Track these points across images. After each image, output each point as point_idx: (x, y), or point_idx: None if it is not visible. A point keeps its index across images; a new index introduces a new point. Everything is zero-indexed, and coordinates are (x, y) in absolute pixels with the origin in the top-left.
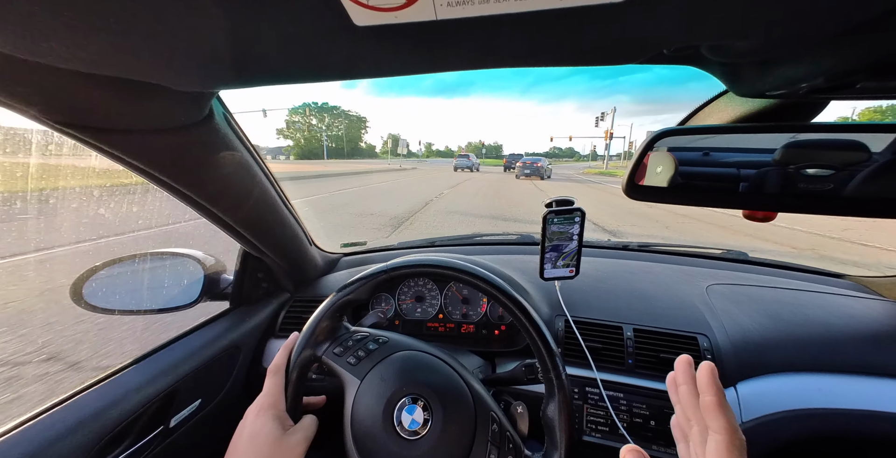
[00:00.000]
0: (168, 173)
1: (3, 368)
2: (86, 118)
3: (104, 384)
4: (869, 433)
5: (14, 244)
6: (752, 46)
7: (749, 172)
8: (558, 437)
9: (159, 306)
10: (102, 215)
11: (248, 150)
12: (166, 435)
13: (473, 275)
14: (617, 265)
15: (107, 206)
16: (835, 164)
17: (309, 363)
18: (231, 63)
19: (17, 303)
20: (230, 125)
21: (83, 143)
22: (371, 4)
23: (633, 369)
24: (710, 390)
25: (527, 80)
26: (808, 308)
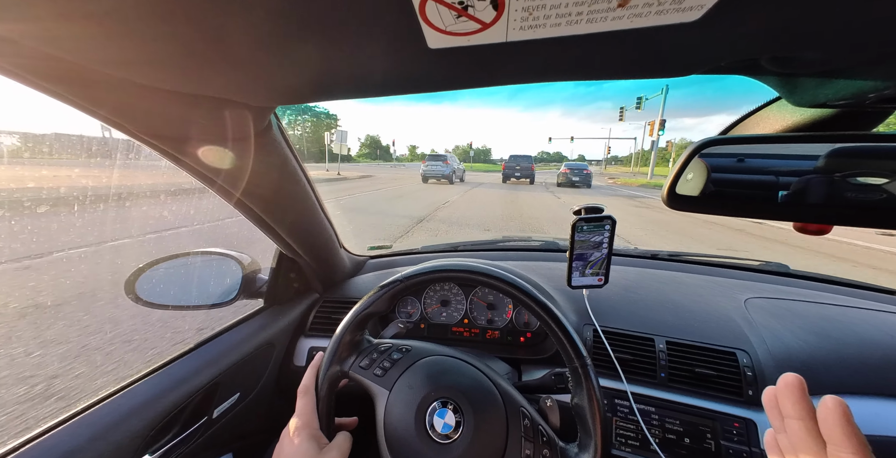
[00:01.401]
0: (228, 180)
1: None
2: (166, 130)
3: (154, 375)
4: None
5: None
6: (819, 57)
7: (789, 179)
8: (590, 424)
9: (203, 302)
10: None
11: (295, 158)
12: (209, 425)
13: (486, 274)
14: (646, 275)
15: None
16: (887, 171)
17: (337, 380)
18: (310, 82)
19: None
20: (282, 135)
21: (159, 150)
22: (448, 30)
23: (665, 382)
24: (835, 412)
25: (513, 86)
26: (859, 326)
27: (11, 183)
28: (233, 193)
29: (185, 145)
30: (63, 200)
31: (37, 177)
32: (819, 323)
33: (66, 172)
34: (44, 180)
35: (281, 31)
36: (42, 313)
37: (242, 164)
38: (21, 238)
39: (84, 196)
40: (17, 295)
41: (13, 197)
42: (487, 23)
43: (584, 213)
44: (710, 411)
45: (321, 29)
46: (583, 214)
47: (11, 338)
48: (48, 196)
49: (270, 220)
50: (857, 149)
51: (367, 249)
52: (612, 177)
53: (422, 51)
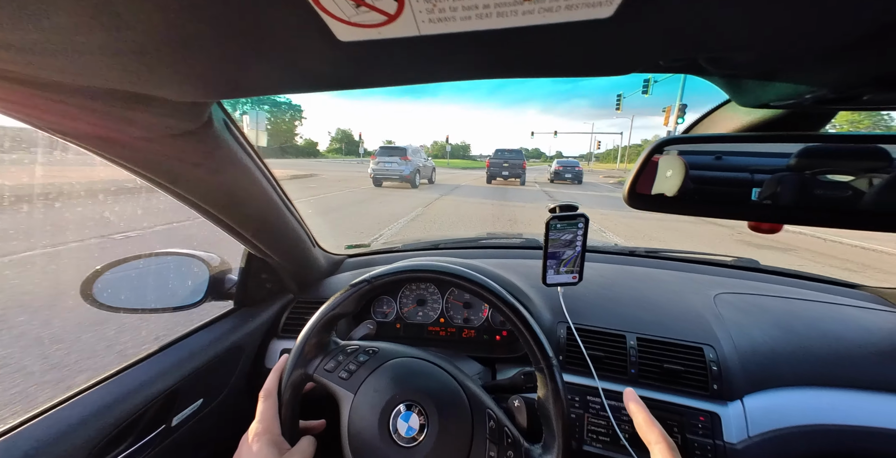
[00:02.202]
0: (169, 178)
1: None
2: (83, 128)
3: (108, 382)
4: (886, 453)
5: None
6: (751, 59)
7: (763, 177)
8: (554, 424)
9: (165, 305)
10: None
11: (248, 154)
12: (168, 434)
13: (454, 274)
14: (622, 272)
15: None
16: (853, 171)
17: (302, 383)
18: (225, 78)
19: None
20: (230, 130)
21: (87, 149)
22: (353, 21)
23: (636, 378)
24: (639, 411)
25: (492, 83)
26: (822, 321)
27: None
28: (181, 194)
29: (108, 144)
30: None
31: None
32: (784, 318)
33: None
34: None
35: (192, 28)
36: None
37: (183, 163)
38: None
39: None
40: None
41: None
42: (392, 14)
43: (558, 211)
44: (678, 405)
45: (228, 23)
46: (557, 212)
47: None
48: None
49: (230, 220)
50: (825, 149)
51: (344, 247)
52: (609, 175)
53: (335, 45)
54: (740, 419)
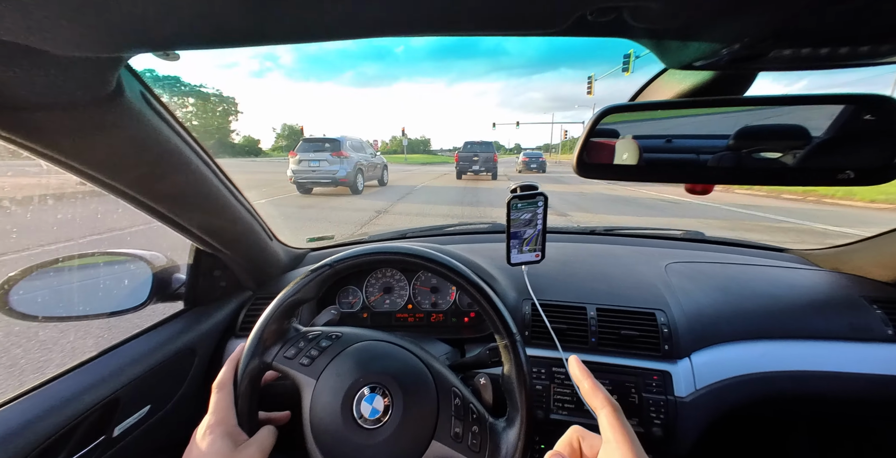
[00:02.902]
0: (79, 159)
1: None
2: None
3: (32, 394)
4: (805, 392)
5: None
6: (663, 9)
7: (707, 157)
8: (518, 398)
9: (101, 310)
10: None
11: (177, 134)
12: (109, 445)
13: (416, 255)
14: (582, 249)
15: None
16: (780, 147)
17: (260, 372)
18: (130, 27)
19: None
20: (149, 104)
21: None
22: None
23: (596, 347)
24: (584, 378)
25: (450, 75)
26: (755, 281)
27: None
28: (101, 179)
29: (6, 115)
30: None
31: None
32: (724, 281)
33: None
34: None
35: None
36: None
37: (89, 140)
38: None
39: None
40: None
41: None
42: None
43: (519, 190)
44: (634, 368)
45: None
46: (518, 192)
47: None
48: None
49: (166, 210)
50: (757, 128)
51: (305, 240)
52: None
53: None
54: (688, 374)
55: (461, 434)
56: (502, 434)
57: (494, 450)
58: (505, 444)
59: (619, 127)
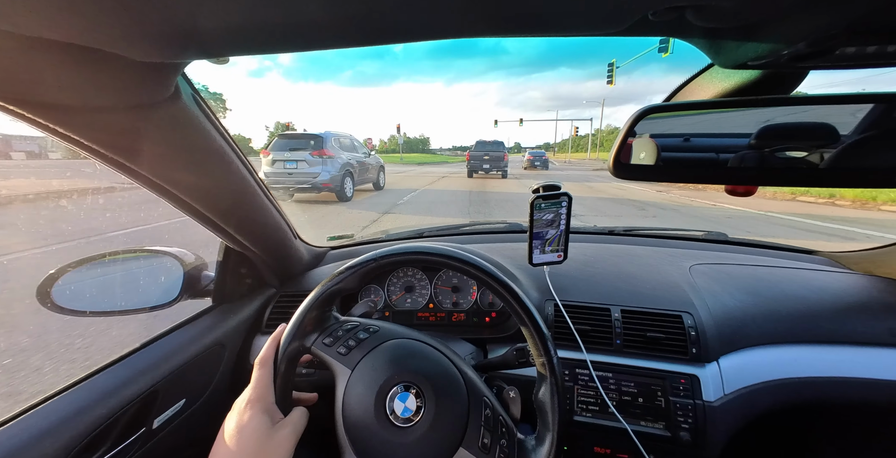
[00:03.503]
0: (132, 159)
1: None
2: (33, 93)
3: (75, 389)
4: (840, 399)
5: None
6: (734, 7)
7: (727, 156)
8: (550, 418)
9: (136, 306)
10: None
11: (221, 136)
12: (149, 437)
13: (464, 261)
14: (603, 250)
15: None
16: (807, 146)
17: (298, 355)
18: (200, 33)
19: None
20: (199, 107)
21: (31, 123)
22: None
23: (621, 349)
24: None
25: (449, 74)
26: (784, 284)
27: None
28: (147, 177)
29: (59, 113)
30: None
31: None
32: (751, 283)
33: None
34: None
35: None
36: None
37: (148, 140)
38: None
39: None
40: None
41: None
42: None
43: (542, 190)
44: (660, 371)
45: None
46: (541, 191)
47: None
48: None
49: (205, 208)
50: (782, 126)
51: (326, 239)
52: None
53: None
54: (717, 378)
55: (489, 446)
56: (531, 452)
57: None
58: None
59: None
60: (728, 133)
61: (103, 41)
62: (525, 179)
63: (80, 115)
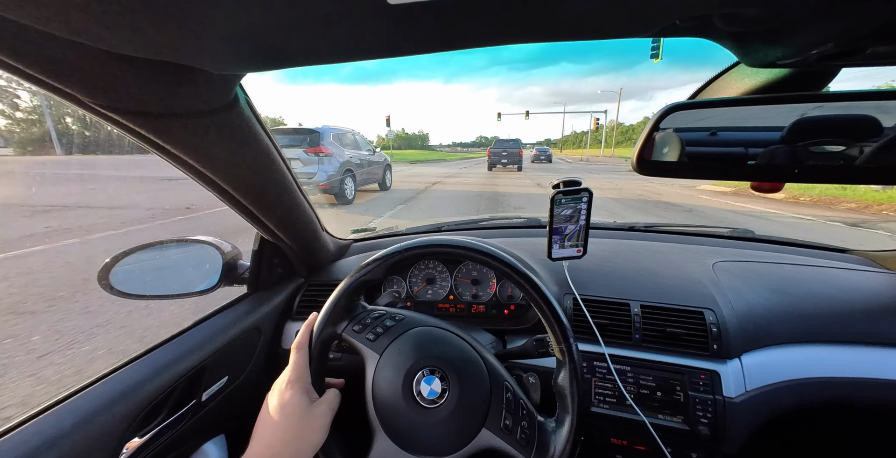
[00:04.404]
0: (197, 158)
1: None
2: (125, 102)
3: (138, 362)
4: (870, 400)
5: None
6: (762, 12)
7: (756, 150)
8: (570, 402)
9: (182, 291)
10: None
11: (268, 137)
12: (199, 408)
13: (485, 253)
14: (623, 245)
15: None
16: (844, 140)
17: (330, 340)
18: (264, 45)
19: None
20: (252, 111)
21: (119, 126)
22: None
23: (639, 343)
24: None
25: (449, 69)
26: (812, 282)
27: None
28: (204, 173)
29: (145, 119)
30: None
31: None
32: (777, 281)
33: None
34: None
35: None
36: None
37: (212, 140)
38: None
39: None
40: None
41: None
42: None
43: (562, 186)
44: (680, 366)
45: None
46: (561, 187)
47: None
48: None
49: (248, 202)
50: (817, 118)
51: (349, 232)
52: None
53: (383, 8)
54: (738, 375)
55: (511, 427)
56: (552, 434)
57: (543, 447)
58: (554, 443)
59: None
60: (757, 127)
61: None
62: (532, 173)
63: (158, 120)
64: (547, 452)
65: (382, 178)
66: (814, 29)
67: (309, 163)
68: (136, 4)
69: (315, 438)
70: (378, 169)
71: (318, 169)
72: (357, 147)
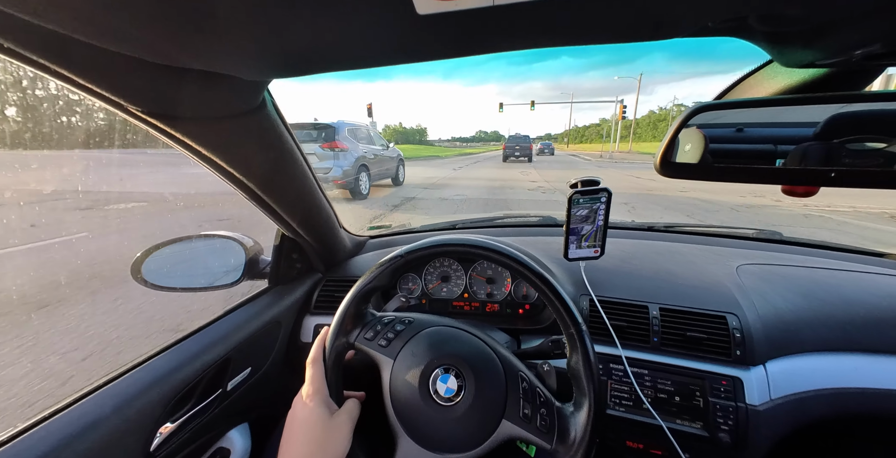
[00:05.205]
0: (226, 159)
1: None
2: (163, 107)
3: (169, 351)
4: None
5: None
6: (803, 13)
7: (787, 148)
8: (585, 384)
9: (208, 284)
10: None
11: (292, 138)
12: (224, 397)
13: (481, 247)
14: (642, 246)
15: None
16: (885, 136)
17: (344, 351)
18: (293, 53)
19: None
20: (278, 114)
21: (153, 128)
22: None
23: (658, 347)
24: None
25: (448, 64)
26: (846, 288)
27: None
28: (232, 173)
29: (180, 123)
30: None
31: None
32: (807, 286)
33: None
34: None
35: (270, 2)
36: None
37: (240, 142)
38: None
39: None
40: None
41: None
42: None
43: (580, 186)
44: (700, 371)
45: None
46: (579, 187)
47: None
48: None
49: (271, 200)
50: (853, 113)
51: (366, 229)
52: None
53: (412, 18)
54: (762, 382)
55: (530, 416)
56: (570, 418)
57: (563, 432)
58: (574, 427)
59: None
60: (788, 123)
61: (220, 65)
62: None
63: (190, 124)
64: (568, 436)
65: (396, 173)
66: (860, 28)
67: (325, 158)
68: (172, 15)
69: (339, 448)
70: (392, 164)
71: (334, 164)
72: (371, 142)
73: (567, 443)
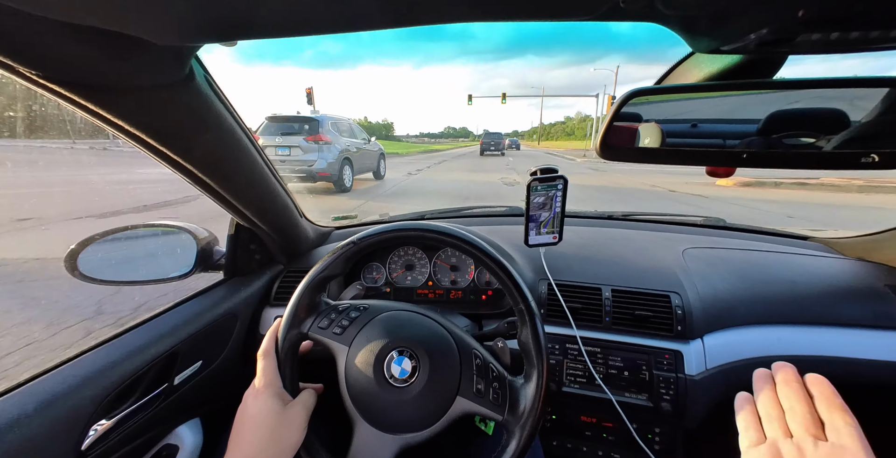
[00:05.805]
0: (150, 134)
1: None
2: (67, 73)
3: (108, 344)
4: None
5: None
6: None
7: (734, 142)
8: (534, 356)
9: (154, 276)
10: None
11: (233, 117)
12: (171, 392)
13: (433, 230)
14: (599, 233)
15: None
16: (815, 132)
17: (298, 341)
18: (212, 14)
19: None
20: (212, 88)
21: (64, 99)
22: None
23: (609, 326)
24: (823, 389)
25: (416, 58)
26: (775, 268)
27: None
28: (168, 155)
29: (91, 93)
30: None
31: None
32: (743, 267)
33: None
34: None
35: None
36: None
37: (167, 118)
38: None
39: None
40: None
41: None
42: None
43: (539, 174)
44: (646, 346)
45: None
46: (538, 174)
47: None
48: None
49: (218, 185)
50: (790, 112)
51: (331, 219)
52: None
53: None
54: (700, 354)
55: (483, 390)
56: (521, 390)
57: (514, 403)
58: (524, 398)
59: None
60: (735, 119)
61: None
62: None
63: (106, 94)
64: (518, 406)
65: (377, 167)
66: (746, 15)
67: (309, 150)
68: None
69: (293, 438)
70: (374, 158)
71: (318, 157)
72: (353, 135)
73: (517, 413)
